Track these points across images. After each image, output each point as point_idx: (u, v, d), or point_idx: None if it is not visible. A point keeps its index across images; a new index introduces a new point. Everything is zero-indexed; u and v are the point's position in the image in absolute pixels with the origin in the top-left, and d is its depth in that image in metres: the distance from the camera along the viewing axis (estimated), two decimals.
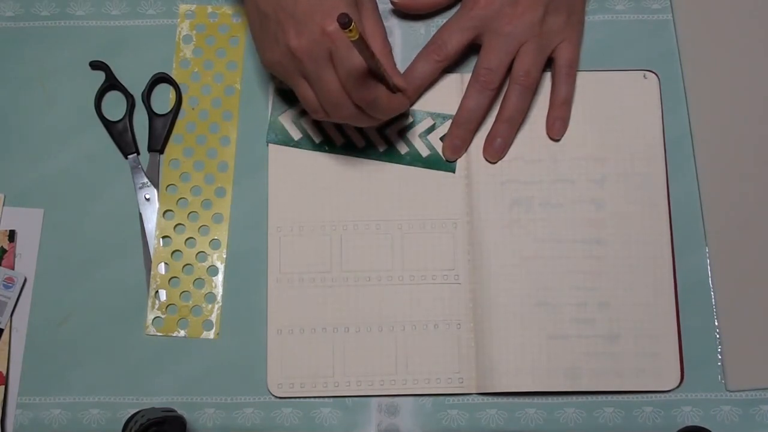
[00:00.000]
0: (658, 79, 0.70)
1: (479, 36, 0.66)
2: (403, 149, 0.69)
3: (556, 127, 0.68)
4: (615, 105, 0.69)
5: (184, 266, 0.68)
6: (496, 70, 0.66)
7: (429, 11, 0.71)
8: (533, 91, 0.67)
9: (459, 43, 0.67)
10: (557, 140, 0.68)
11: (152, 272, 0.68)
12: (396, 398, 0.66)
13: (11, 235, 0.68)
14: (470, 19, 0.66)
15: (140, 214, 0.69)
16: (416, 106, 0.69)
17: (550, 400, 0.66)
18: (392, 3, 0.71)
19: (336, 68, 0.58)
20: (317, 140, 0.69)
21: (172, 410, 0.63)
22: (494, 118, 0.68)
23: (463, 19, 0.66)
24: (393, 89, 0.62)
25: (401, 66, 0.70)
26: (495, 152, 0.68)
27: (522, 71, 0.66)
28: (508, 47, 0.65)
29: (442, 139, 0.69)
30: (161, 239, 0.68)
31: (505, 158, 0.68)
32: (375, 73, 0.59)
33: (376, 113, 0.61)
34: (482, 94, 0.66)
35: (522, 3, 0.65)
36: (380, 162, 0.69)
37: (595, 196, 0.68)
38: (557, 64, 0.68)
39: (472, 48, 0.68)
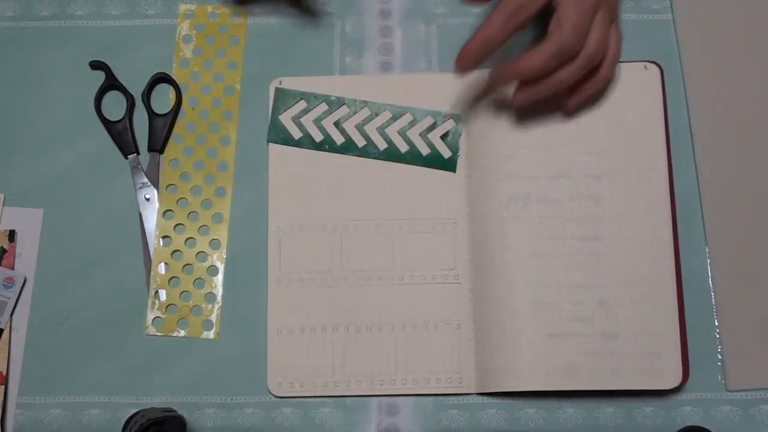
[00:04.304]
0: (660, 70, 0.69)
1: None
2: (403, 148, 0.69)
3: (578, 100, 0.66)
4: (615, 97, 0.68)
5: (184, 266, 0.68)
6: (582, 30, 0.62)
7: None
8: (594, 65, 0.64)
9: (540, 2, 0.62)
10: (569, 113, 0.67)
11: (152, 272, 0.68)
12: (396, 398, 0.66)
13: (11, 235, 0.68)
14: None
15: (140, 214, 0.69)
16: (416, 104, 0.69)
17: (550, 400, 0.66)
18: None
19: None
20: (317, 140, 0.69)
21: (172, 410, 0.63)
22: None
23: None
24: None
25: (402, 66, 0.70)
26: (526, 96, 0.64)
27: (595, 45, 0.63)
28: (586, 9, 0.62)
29: (442, 137, 0.69)
30: (161, 239, 0.68)
31: (505, 154, 0.67)
32: None
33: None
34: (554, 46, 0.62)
35: None
36: (380, 161, 0.69)
37: (593, 191, 0.67)
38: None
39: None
